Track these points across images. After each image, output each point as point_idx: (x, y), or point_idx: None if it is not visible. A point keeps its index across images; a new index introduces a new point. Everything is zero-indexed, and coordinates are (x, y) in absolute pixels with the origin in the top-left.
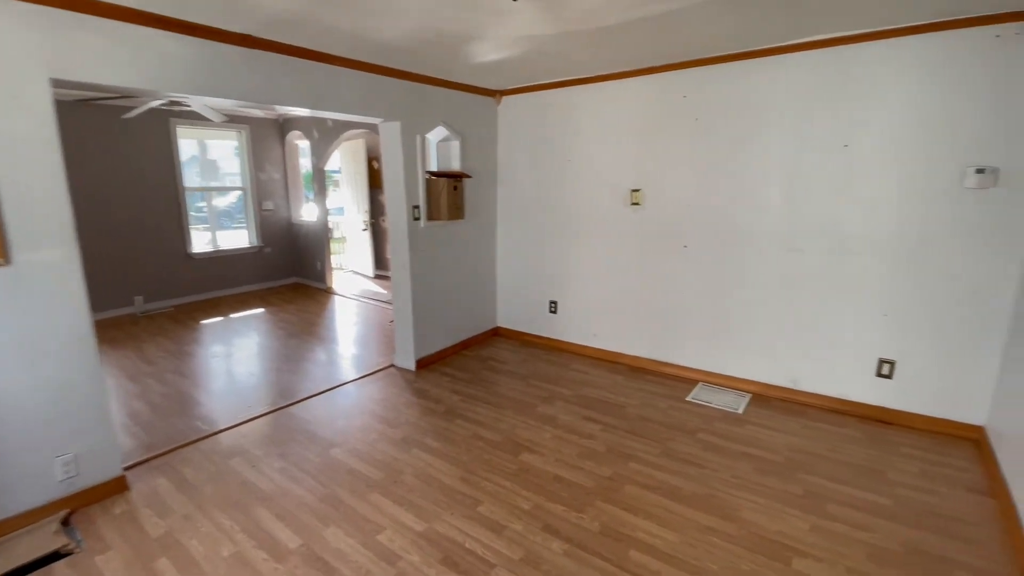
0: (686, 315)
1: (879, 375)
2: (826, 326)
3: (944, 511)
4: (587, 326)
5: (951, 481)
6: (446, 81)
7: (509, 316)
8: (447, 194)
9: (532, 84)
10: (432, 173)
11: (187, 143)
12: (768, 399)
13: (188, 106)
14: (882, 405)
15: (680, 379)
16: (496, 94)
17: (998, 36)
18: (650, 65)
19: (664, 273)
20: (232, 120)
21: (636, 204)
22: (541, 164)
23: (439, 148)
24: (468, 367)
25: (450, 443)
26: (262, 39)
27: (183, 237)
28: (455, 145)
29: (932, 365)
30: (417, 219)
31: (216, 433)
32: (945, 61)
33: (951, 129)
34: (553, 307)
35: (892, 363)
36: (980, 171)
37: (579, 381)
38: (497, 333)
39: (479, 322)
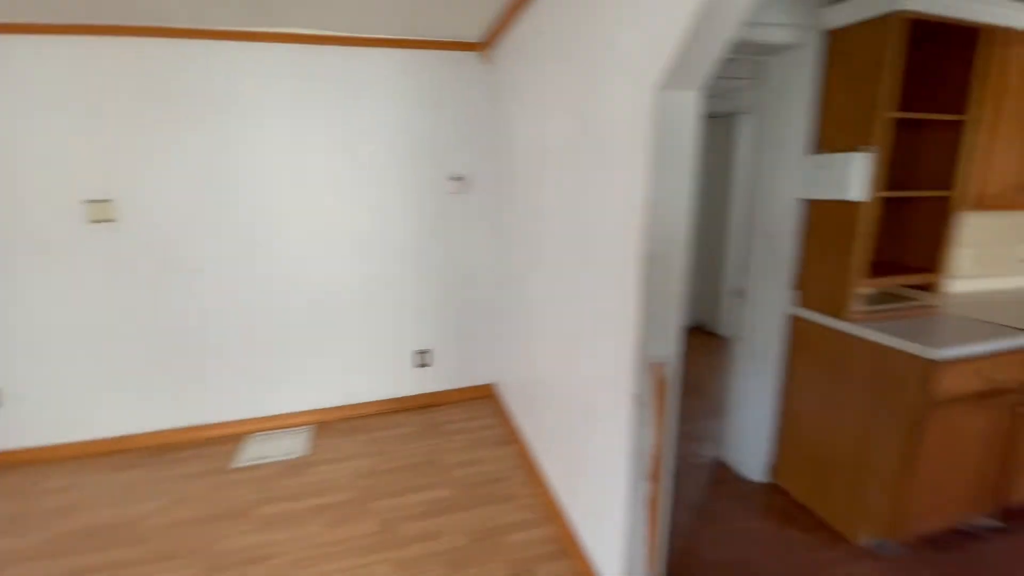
0: (218, 357)
1: (419, 365)
2: (367, 332)
3: (488, 476)
4: (65, 413)
5: (486, 442)
6: None
7: None
8: None
9: None
10: None
11: None
12: (331, 423)
13: None
14: (427, 391)
15: (226, 439)
16: None
17: (460, 62)
18: (94, 22)
19: (175, 309)
20: None
21: (108, 220)
22: None
23: None
24: None
25: None
26: None
27: None
28: None
29: (453, 345)
30: None
31: None
32: (426, 76)
33: (434, 140)
34: None
35: (427, 352)
36: (456, 179)
37: (58, 510)
38: None
39: None
